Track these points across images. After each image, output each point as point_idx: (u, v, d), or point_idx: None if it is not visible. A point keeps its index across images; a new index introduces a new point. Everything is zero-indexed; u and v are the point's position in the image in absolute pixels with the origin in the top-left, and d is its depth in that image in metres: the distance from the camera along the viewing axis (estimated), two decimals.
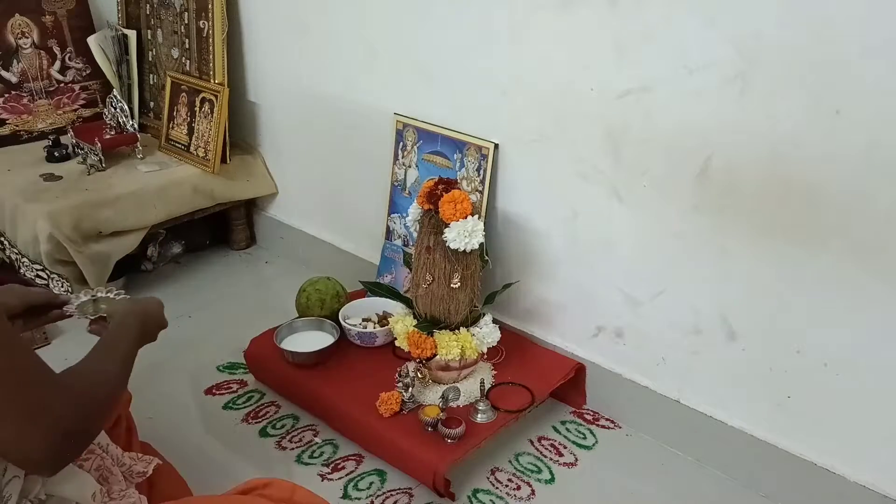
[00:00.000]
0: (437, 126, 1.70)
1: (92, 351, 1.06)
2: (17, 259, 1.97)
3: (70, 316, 1.26)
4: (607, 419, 1.62)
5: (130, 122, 2.11)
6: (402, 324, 1.49)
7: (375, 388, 1.50)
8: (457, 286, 1.42)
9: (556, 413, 1.64)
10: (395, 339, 1.52)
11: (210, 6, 2.01)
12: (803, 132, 1.19)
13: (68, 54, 2.30)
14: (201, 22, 2.06)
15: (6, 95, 2.21)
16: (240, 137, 2.24)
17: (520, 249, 1.65)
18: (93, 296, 1.40)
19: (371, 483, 1.45)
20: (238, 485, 1.06)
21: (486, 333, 1.48)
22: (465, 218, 1.38)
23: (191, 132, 2.12)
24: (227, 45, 2.04)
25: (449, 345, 1.43)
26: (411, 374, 1.50)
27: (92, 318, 1.46)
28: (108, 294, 1.40)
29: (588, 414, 1.64)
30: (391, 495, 1.42)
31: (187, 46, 2.13)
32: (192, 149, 2.12)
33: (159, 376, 1.73)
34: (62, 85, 2.30)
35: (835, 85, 1.14)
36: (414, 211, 1.48)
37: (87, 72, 2.33)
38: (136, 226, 1.96)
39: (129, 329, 1.14)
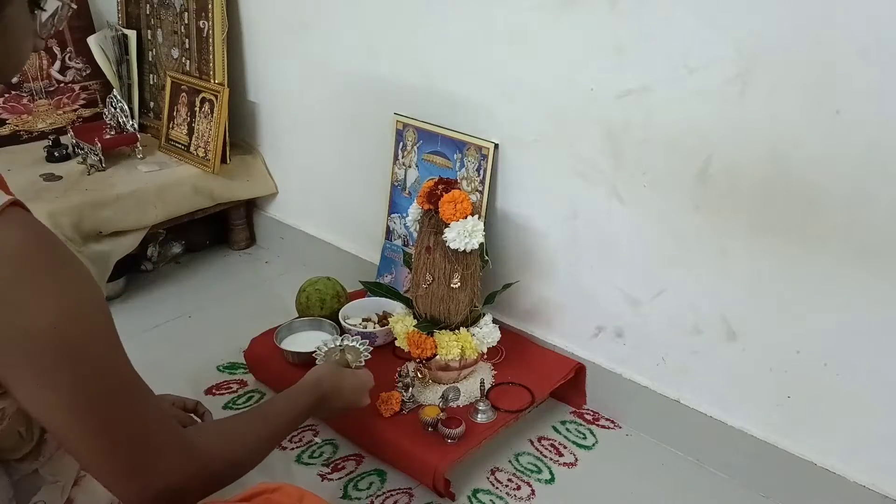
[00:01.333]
0: (437, 126, 1.70)
1: (254, 409, 1.02)
2: None
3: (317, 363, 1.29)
4: (607, 419, 1.62)
5: (130, 122, 2.11)
6: (402, 324, 1.49)
7: (375, 388, 1.50)
8: (457, 286, 1.42)
9: (556, 413, 1.64)
10: (395, 339, 1.52)
11: (210, 6, 2.01)
12: (803, 132, 1.19)
13: (68, 54, 2.30)
14: (201, 22, 2.06)
15: (6, 95, 2.21)
16: (240, 137, 2.24)
17: (520, 249, 1.65)
18: (340, 345, 1.42)
19: (371, 483, 1.45)
20: (247, 488, 1.04)
21: (486, 333, 1.48)
22: (465, 218, 1.38)
23: (191, 132, 2.12)
24: (227, 45, 2.04)
25: (449, 345, 1.43)
26: (411, 374, 1.50)
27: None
28: (355, 344, 1.44)
29: (588, 414, 1.64)
30: (391, 495, 1.42)
31: (187, 46, 2.13)
32: (192, 149, 2.12)
33: (159, 376, 1.73)
34: (62, 85, 2.30)
35: (835, 85, 1.14)
36: (414, 211, 1.48)
37: (87, 72, 2.33)
38: (136, 226, 1.96)
39: (306, 398, 1.10)
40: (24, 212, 0.72)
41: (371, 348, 1.46)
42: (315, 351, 1.46)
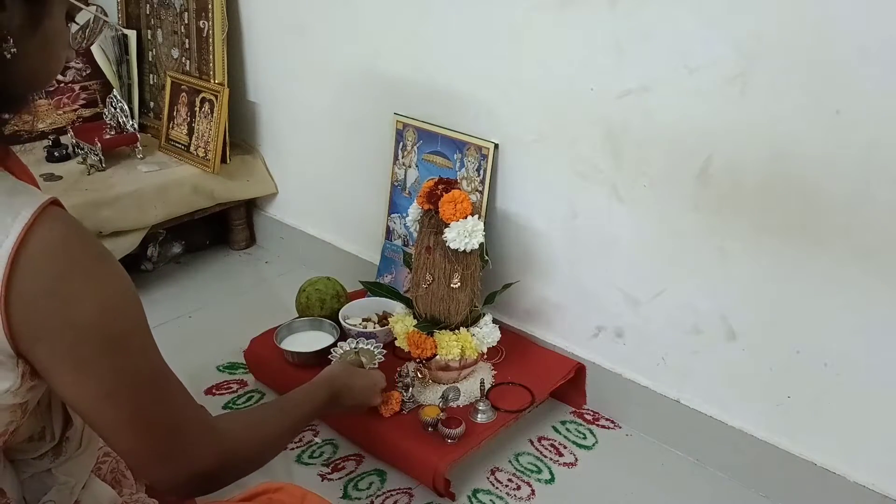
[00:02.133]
0: (437, 126, 1.70)
1: (272, 402, 1.07)
2: None
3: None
4: (607, 419, 1.62)
5: (130, 122, 2.11)
6: (402, 324, 1.49)
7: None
8: (457, 286, 1.42)
9: (556, 413, 1.64)
10: (395, 339, 1.52)
11: (210, 6, 2.01)
12: (803, 132, 1.19)
13: None
14: (201, 22, 2.06)
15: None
16: (240, 137, 2.24)
17: (520, 249, 1.65)
18: (355, 347, 1.43)
19: (371, 483, 1.45)
20: (249, 488, 1.05)
21: (486, 333, 1.48)
22: (465, 218, 1.38)
23: (191, 132, 2.12)
24: (227, 45, 2.04)
25: (449, 345, 1.43)
26: (411, 374, 1.50)
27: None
28: (369, 347, 1.48)
29: (588, 414, 1.64)
30: (391, 495, 1.42)
31: (187, 46, 2.13)
32: (192, 149, 2.12)
33: None
34: (62, 85, 2.30)
35: (835, 85, 1.14)
36: (414, 211, 1.48)
37: (87, 72, 2.33)
38: (136, 226, 1.96)
39: (321, 393, 1.17)
40: (63, 210, 0.76)
41: (385, 351, 1.47)
42: (317, 351, 1.47)
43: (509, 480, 1.46)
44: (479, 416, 1.45)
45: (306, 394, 1.15)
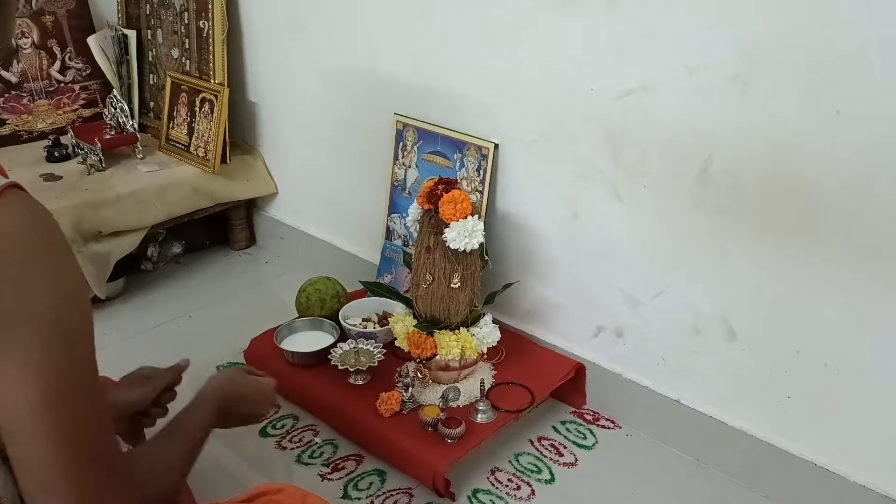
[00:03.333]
0: (437, 126, 1.70)
1: (165, 430, 0.95)
2: None
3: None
4: (607, 419, 1.62)
5: (130, 122, 2.11)
6: (402, 324, 1.49)
7: (376, 388, 1.51)
8: (457, 286, 1.42)
9: (556, 413, 1.64)
10: (395, 339, 1.52)
11: (210, 6, 2.01)
12: (803, 132, 1.19)
13: (68, 54, 2.30)
14: (201, 22, 2.06)
15: (6, 95, 2.21)
16: (240, 137, 2.24)
17: (520, 249, 1.65)
18: (355, 347, 1.42)
19: (371, 483, 1.45)
20: (250, 490, 1.03)
21: (486, 333, 1.48)
22: (465, 218, 1.38)
23: (191, 132, 2.12)
24: (227, 45, 2.04)
25: (449, 345, 1.43)
26: (411, 374, 1.50)
27: (351, 370, 1.50)
28: (369, 347, 1.46)
29: (588, 414, 1.64)
30: (391, 495, 1.42)
31: (187, 46, 2.13)
32: (192, 149, 2.12)
33: None
34: (62, 85, 2.30)
35: (835, 85, 1.14)
36: (414, 211, 1.48)
37: (87, 72, 2.33)
38: (136, 226, 1.96)
39: (207, 412, 1.03)
40: (24, 193, 0.70)
41: (384, 350, 1.47)
42: (317, 350, 1.47)
43: (509, 480, 1.46)
44: (479, 416, 1.45)
45: (195, 416, 1.02)
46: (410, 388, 1.48)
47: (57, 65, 2.29)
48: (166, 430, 0.96)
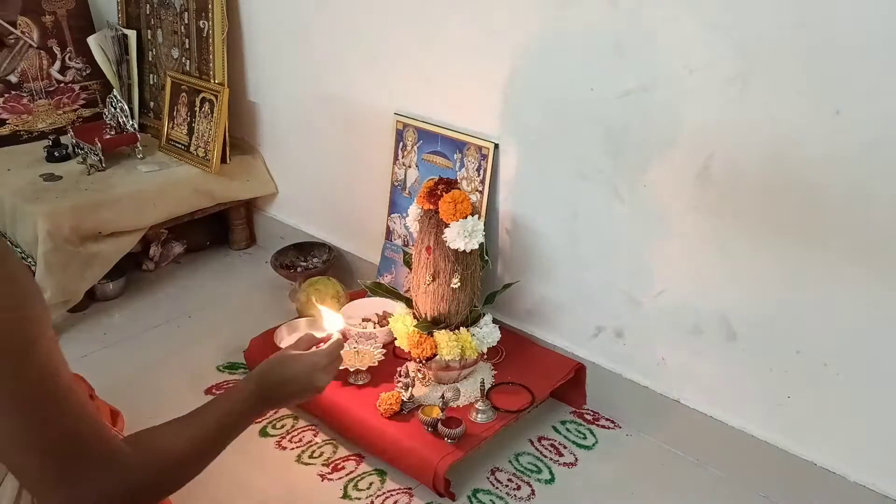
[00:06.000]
0: (437, 126, 1.70)
1: (186, 415, 0.94)
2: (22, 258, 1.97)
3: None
4: (607, 419, 1.62)
5: (130, 122, 2.11)
6: (402, 324, 1.49)
7: (375, 388, 1.51)
8: (457, 286, 1.42)
9: (556, 413, 1.64)
10: (395, 339, 1.52)
11: (210, 6, 2.01)
12: (803, 132, 1.19)
13: (68, 54, 2.30)
14: (201, 22, 2.06)
15: (6, 95, 2.22)
16: (240, 137, 2.24)
17: (520, 249, 1.65)
18: (354, 347, 1.44)
19: (371, 483, 1.45)
20: None
21: (486, 333, 1.48)
22: (465, 218, 1.39)
23: (191, 132, 2.12)
24: (227, 45, 2.04)
25: (449, 345, 1.43)
26: (411, 374, 1.50)
27: (351, 370, 1.51)
28: (368, 347, 1.48)
29: (588, 414, 1.64)
30: (391, 495, 1.42)
31: (187, 46, 2.13)
32: (192, 149, 2.12)
33: (159, 376, 1.73)
34: (62, 85, 2.30)
35: (835, 85, 1.14)
36: (414, 211, 1.48)
37: (87, 72, 2.33)
38: (136, 226, 1.96)
39: (241, 398, 1.00)
40: None
41: (384, 350, 1.46)
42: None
43: (509, 480, 1.46)
44: (479, 416, 1.45)
45: (232, 400, 1.00)
46: (410, 388, 1.48)
47: (57, 65, 2.29)
48: (188, 417, 0.95)
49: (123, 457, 0.80)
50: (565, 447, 1.55)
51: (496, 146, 1.60)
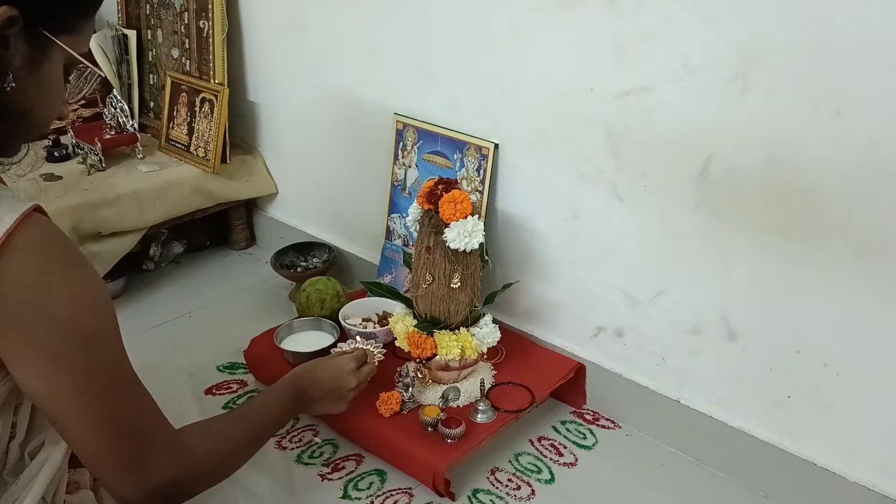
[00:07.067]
0: (437, 126, 1.70)
1: (239, 409, 1.07)
2: None
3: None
4: (607, 419, 1.62)
5: (130, 122, 2.11)
6: (402, 324, 1.49)
7: (375, 388, 1.51)
8: (457, 286, 1.42)
9: (556, 413, 1.64)
10: (395, 339, 1.52)
11: (210, 6, 2.01)
12: (803, 132, 1.19)
13: None
14: (201, 22, 2.06)
15: None
16: (240, 137, 2.24)
17: (520, 249, 1.65)
18: (354, 347, 1.45)
19: (371, 483, 1.45)
20: None
21: (486, 333, 1.48)
22: (465, 218, 1.39)
23: (191, 132, 2.12)
24: (227, 45, 2.04)
25: (449, 345, 1.43)
26: (411, 374, 1.50)
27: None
28: (369, 346, 1.47)
29: (588, 414, 1.64)
30: (391, 495, 1.42)
31: (187, 46, 2.13)
32: (192, 149, 2.12)
33: (159, 376, 1.73)
34: None
35: (835, 85, 1.14)
36: (414, 211, 1.48)
37: (88, 72, 2.33)
38: (136, 226, 1.96)
39: (279, 400, 1.14)
40: (46, 217, 0.80)
41: (384, 350, 1.47)
42: (316, 351, 1.47)
43: (509, 480, 1.46)
44: (479, 416, 1.45)
45: (269, 398, 1.14)
46: (410, 388, 1.48)
47: None
48: (236, 412, 1.07)
49: (192, 444, 0.90)
50: (565, 447, 1.55)
51: (496, 146, 1.60)
